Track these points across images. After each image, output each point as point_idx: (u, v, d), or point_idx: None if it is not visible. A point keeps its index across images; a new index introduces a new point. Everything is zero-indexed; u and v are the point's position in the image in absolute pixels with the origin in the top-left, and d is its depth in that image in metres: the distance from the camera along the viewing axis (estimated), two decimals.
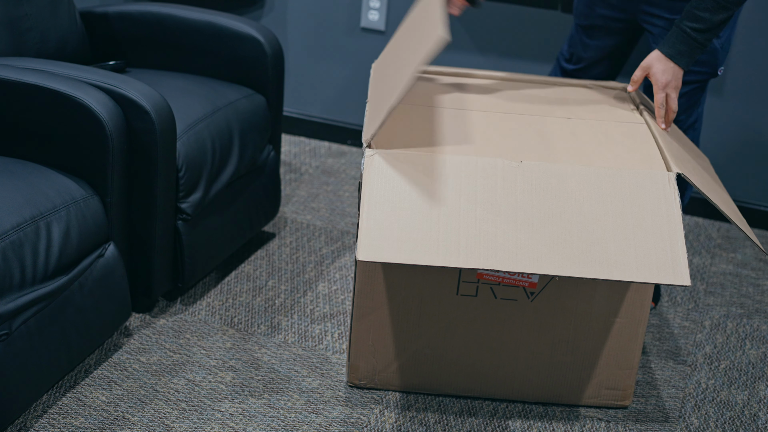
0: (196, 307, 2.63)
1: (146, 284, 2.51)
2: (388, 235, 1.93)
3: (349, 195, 3.27)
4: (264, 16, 3.57)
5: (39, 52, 2.58)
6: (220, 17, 2.80)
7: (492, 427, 2.31)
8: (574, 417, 2.35)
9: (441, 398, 2.37)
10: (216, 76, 2.83)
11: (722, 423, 2.38)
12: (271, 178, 2.87)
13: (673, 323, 2.75)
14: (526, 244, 1.94)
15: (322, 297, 2.72)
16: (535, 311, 2.27)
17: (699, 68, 2.47)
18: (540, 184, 2.02)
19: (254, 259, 2.86)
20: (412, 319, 2.29)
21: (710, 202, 2.09)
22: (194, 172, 2.50)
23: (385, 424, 2.28)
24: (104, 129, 2.24)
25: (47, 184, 2.23)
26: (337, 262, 2.88)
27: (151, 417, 2.24)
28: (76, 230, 2.21)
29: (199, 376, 2.37)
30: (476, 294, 2.26)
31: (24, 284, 2.08)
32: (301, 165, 3.46)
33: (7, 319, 2.04)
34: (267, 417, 2.27)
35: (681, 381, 2.51)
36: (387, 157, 2.03)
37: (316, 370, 2.43)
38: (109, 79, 2.35)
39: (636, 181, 2.04)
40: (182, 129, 2.50)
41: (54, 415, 2.22)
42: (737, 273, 3.03)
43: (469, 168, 2.03)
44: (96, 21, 2.86)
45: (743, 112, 3.20)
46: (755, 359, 2.62)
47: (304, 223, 3.08)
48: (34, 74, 2.28)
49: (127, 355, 2.42)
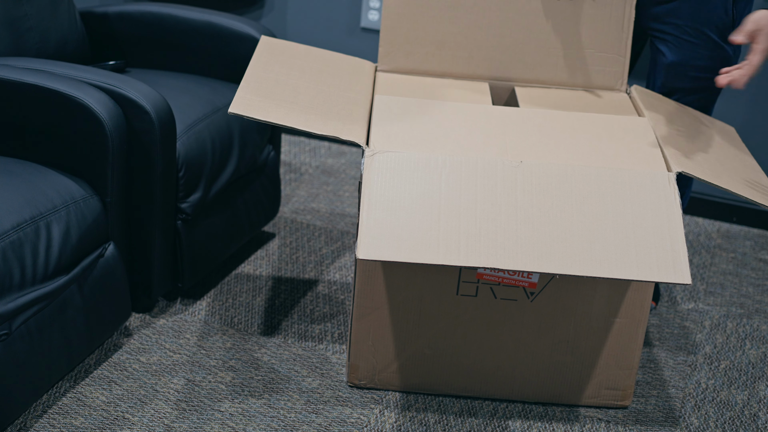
0: (196, 307, 2.62)
1: (146, 284, 2.51)
2: (388, 234, 1.93)
3: (349, 195, 3.27)
4: (264, 16, 3.57)
5: (39, 52, 2.58)
6: (220, 17, 2.80)
7: (492, 427, 2.31)
8: (574, 417, 2.35)
9: (441, 398, 2.37)
10: (216, 76, 2.83)
11: (722, 423, 2.38)
12: (271, 178, 2.87)
13: (673, 323, 2.75)
14: (527, 242, 1.93)
15: (322, 297, 2.72)
16: (535, 311, 2.27)
17: (709, 75, 2.46)
18: (540, 184, 2.02)
19: (254, 259, 2.86)
20: (412, 319, 2.29)
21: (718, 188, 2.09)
22: (194, 172, 2.50)
23: (385, 424, 2.28)
24: (104, 129, 2.24)
25: (47, 184, 2.23)
26: (337, 262, 2.88)
27: (151, 417, 2.24)
28: (76, 230, 2.21)
29: (199, 376, 2.37)
30: (476, 294, 2.26)
31: (24, 284, 2.08)
32: (301, 165, 3.46)
33: (7, 319, 2.04)
34: (267, 417, 2.27)
35: (681, 381, 2.51)
36: (387, 157, 2.03)
37: (316, 370, 2.43)
38: (109, 79, 2.35)
39: (636, 180, 2.04)
40: (182, 129, 2.50)
41: (54, 415, 2.22)
42: (737, 273, 3.03)
43: (469, 167, 2.03)
44: (96, 21, 2.86)
45: (743, 113, 3.20)
46: (755, 359, 2.62)
47: (304, 223, 3.08)
48: (34, 74, 2.28)
49: (127, 355, 2.42)
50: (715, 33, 2.42)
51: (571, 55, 2.44)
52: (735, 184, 2.11)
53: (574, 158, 2.09)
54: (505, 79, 2.47)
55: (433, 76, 2.46)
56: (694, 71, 2.48)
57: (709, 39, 2.43)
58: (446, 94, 2.36)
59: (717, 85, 2.15)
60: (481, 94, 2.39)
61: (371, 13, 3.44)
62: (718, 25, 2.41)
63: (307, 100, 2.17)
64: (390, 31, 2.44)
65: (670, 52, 2.49)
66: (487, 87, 2.43)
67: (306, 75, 2.29)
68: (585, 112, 2.29)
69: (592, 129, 2.21)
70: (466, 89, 2.41)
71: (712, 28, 2.42)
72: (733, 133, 2.47)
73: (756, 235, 3.26)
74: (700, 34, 2.43)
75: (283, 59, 2.34)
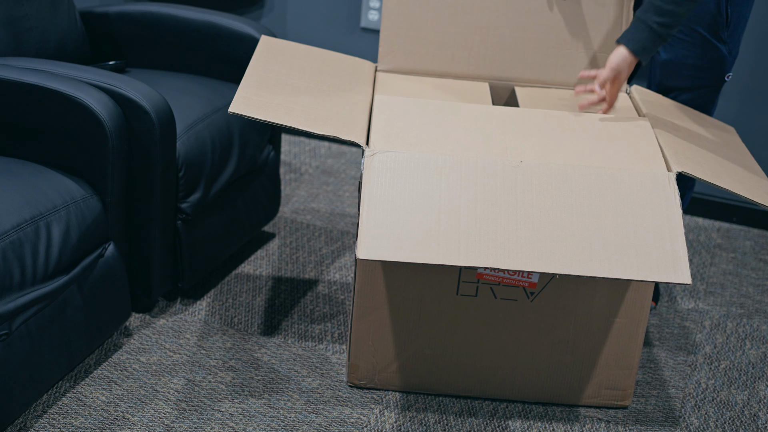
0: (196, 307, 2.62)
1: (146, 284, 2.51)
2: (388, 233, 1.93)
3: (349, 195, 3.27)
4: (264, 16, 3.57)
5: (39, 52, 2.58)
6: (220, 17, 2.80)
7: (492, 427, 2.31)
8: (574, 417, 2.35)
9: (441, 398, 2.37)
10: (216, 76, 2.83)
11: (722, 423, 2.38)
12: (271, 178, 2.87)
13: (673, 323, 2.75)
14: (526, 242, 1.94)
15: (322, 297, 2.72)
16: (535, 311, 2.27)
17: (705, 74, 2.47)
18: (540, 184, 2.02)
19: (254, 259, 2.86)
20: (412, 319, 2.29)
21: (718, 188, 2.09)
22: (194, 172, 2.50)
23: (385, 424, 2.28)
24: (104, 129, 2.24)
25: (47, 184, 2.23)
26: (337, 262, 2.88)
27: (151, 417, 2.24)
28: (76, 230, 2.21)
29: (199, 376, 2.37)
30: (476, 294, 2.26)
31: (24, 284, 2.08)
32: (301, 165, 3.46)
33: (7, 319, 2.04)
34: (267, 417, 2.27)
35: (681, 381, 2.51)
36: (387, 156, 2.03)
37: (316, 370, 2.43)
38: (109, 79, 2.35)
39: (636, 180, 2.04)
40: (182, 129, 2.50)
41: (54, 415, 2.22)
42: (737, 273, 3.03)
43: (469, 167, 2.03)
44: (96, 21, 2.86)
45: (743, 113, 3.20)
46: (755, 359, 2.62)
47: (304, 223, 3.08)
48: (34, 74, 2.28)
49: (127, 355, 2.42)
50: (709, 32, 2.42)
51: (571, 55, 2.44)
52: (735, 184, 2.11)
53: (574, 158, 2.09)
54: (505, 79, 2.47)
55: (433, 76, 2.46)
56: (689, 70, 2.48)
57: (702, 38, 2.43)
58: (446, 94, 2.36)
59: (579, 109, 2.23)
60: (481, 94, 2.39)
61: (371, 13, 3.44)
62: (711, 24, 2.41)
63: (307, 100, 2.17)
64: (390, 31, 2.44)
65: (664, 50, 2.50)
66: (487, 87, 2.43)
67: (306, 75, 2.29)
68: (585, 112, 2.29)
69: (592, 129, 2.21)
70: (466, 89, 2.41)
71: (705, 27, 2.42)
72: (733, 133, 2.47)
73: (756, 235, 3.26)
74: (693, 32, 2.43)
75: (283, 59, 2.34)
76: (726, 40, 2.42)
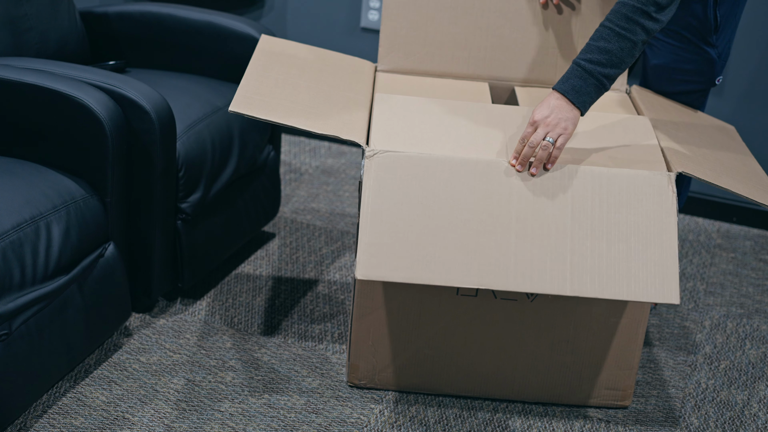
0: (196, 307, 2.63)
1: (146, 284, 2.51)
2: (386, 251, 1.97)
3: (349, 195, 3.27)
4: (264, 16, 3.57)
5: (39, 52, 2.58)
6: (220, 17, 2.80)
7: (492, 427, 2.31)
8: (574, 417, 2.35)
9: (441, 398, 2.37)
10: (216, 76, 2.83)
11: (722, 423, 2.38)
12: (271, 178, 2.87)
13: (673, 323, 2.75)
14: (522, 259, 1.98)
15: (322, 297, 2.72)
16: (535, 311, 2.27)
17: (695, 78, 2.46)
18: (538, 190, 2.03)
19: (254, 259, 2.86)
20: (412, 319, 2.29)
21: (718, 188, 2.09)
22: (194, 172, 2.50)
23: (385, 424, 2.28)
24: (104, 129, 2.24)
25: (47, 184, 2.23)
26: (337, 262, 2.88)
27: (151, 417, 2.24)
28: (76, 230, 2.21)
29: (199, 376, 2.37)
30: (476, 294, 2.26)
31: (24, 284, 2.08)
32: (301, 165, 3.46)
33: (7, 319, 2.04)
34: (267, 417, 2.27)
35: (681, 381, 2.51)
36: (387, 156, 2.04)
37: (316, 370, 2.43)
38: (109, 79, 2.35)
39: (635, 184, 2.05)
40: (182, 129, 2.50)
41: (54, 415, 2.22)
42: (737, 273, 3.03)
43: (468, 169, 2.03)
44: (96, 21, 2.86)
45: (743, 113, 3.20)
46: (755, 359, 2.62)
47: (304, 223, 3.08)
48: (34, 74, 2.28)
49: (127, 355, 2.42)
50: (697, 36, 2.41)
51: (571, 56, 2.44)
52: (735, 184, 2.11)
53: (574, 158, 2.09)
54: (505, 79, 2.47)
55: (433, 76, 2.46)
56: (678, 74, 2.47)
57: (690, 42, 2.42)
58: (446, 94, 2.36)
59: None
60: (481, 94, 2.39)
61: (371, 13, 3.44)
62: (698, 28, 2.40)
63: (308, 100, 2.17)
64: (390, 31, 2.44)
65: (654, 54, 2.49)
66: (487, 87, 2.43)
67: (306, 74, 2.29)
68: None
69: (591, 129, 2.21)
70: (466, 89, 2.41)
71: (693, 32, 2.41)
72: (733, 133, 2.47)
73: (756, 235, 3.26)
74: (681, 37, 2.43)
75: (283, 58, 2.34)
76: (715, 44, 2.41)
